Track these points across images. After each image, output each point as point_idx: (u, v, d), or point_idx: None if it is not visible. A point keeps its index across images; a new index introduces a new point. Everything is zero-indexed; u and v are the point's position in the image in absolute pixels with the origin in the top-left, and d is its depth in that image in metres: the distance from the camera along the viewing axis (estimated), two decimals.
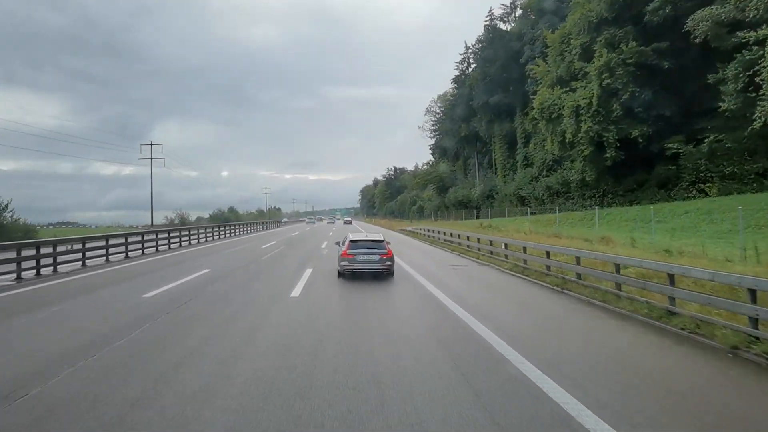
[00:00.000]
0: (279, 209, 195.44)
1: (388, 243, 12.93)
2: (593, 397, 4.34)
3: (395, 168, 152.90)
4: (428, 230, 30.03)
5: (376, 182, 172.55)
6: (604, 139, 30.92)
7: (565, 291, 10.44)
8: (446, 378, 4.87)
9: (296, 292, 10.22)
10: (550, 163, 43.26)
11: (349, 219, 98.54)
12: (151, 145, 61.36)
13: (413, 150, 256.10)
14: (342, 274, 12.45)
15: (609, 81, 30.15)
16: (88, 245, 16.04)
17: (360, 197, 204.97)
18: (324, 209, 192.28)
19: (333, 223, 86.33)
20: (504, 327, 7.11)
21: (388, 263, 12.21)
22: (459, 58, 68.94)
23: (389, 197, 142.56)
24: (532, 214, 42.04)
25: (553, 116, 34.24)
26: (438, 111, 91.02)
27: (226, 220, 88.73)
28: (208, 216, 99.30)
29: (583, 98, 31.77)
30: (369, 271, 12.15)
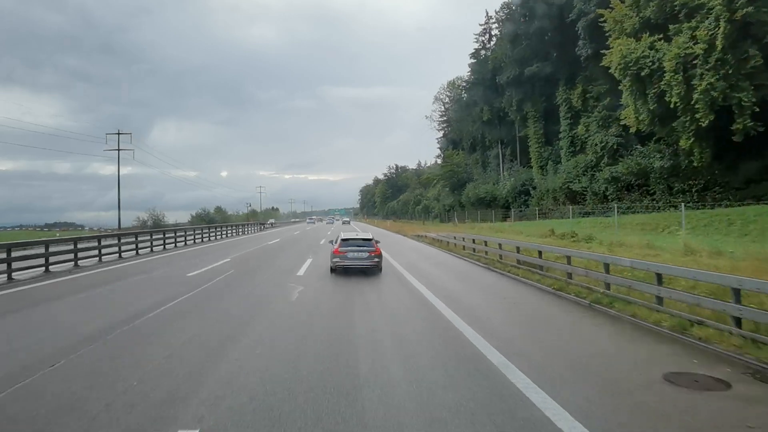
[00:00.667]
0: (276, 209, 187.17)
1: (377, 242, 13.41)
2: None
3: (396, 166, 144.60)
4: (469, 240, 19.42)
5: (376, 181, 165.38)
6: (733, 101, 20.45)
7: None
8: None
9: None
10: (615, 147, 32.64)
11: (347, 219, 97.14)
12: (119, 134, 50.17)
13: (414, 148, 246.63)
14: (334, 270, 12.63)
15: (747, 10, 19.62)
16: None
17: (359, 197, 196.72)
18: (323, 209, 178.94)
19: (332, 223, 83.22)
20: None
21: (376, 260, 12.70)
22: (479, 30, 58.29)
23: (390, 197, 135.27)
24: (586, 214, 31.51)
25: (643, 74, 23.65)
26: (448, 99, 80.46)
27: (211, 221, 79.35)
28: (190, 217, 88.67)
29: (698, 42, 21.23)
30: (358, 267, 12.43)
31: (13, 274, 12.02)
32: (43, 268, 13.20)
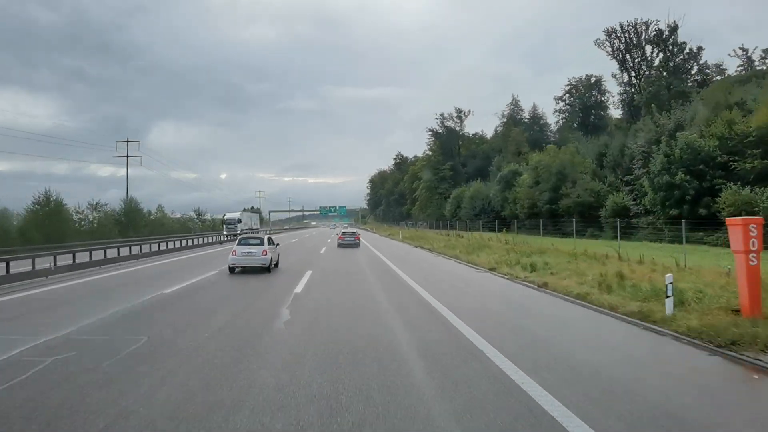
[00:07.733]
0: (256, 209, 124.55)
1: (359, 235, 32.99)
2: None
3: (458, 112, 79.62)
4: None
5: (401, 160, 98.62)
6: None
7: None
8: None
9: None
10: None
11: (347, 225, 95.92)
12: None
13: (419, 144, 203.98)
14: (339, 246, 29.10)
15: None
16: None
17: (368, 191, 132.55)
18: (315, 208, 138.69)
19: (334, 228, 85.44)
20: None
21: (357, 241, 30.24)
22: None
23: (451, 179, 69.28)
24: None
25: None
26: None
27: None
28: None
29: None
30: (350, 245, 29.00)
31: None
32: None
